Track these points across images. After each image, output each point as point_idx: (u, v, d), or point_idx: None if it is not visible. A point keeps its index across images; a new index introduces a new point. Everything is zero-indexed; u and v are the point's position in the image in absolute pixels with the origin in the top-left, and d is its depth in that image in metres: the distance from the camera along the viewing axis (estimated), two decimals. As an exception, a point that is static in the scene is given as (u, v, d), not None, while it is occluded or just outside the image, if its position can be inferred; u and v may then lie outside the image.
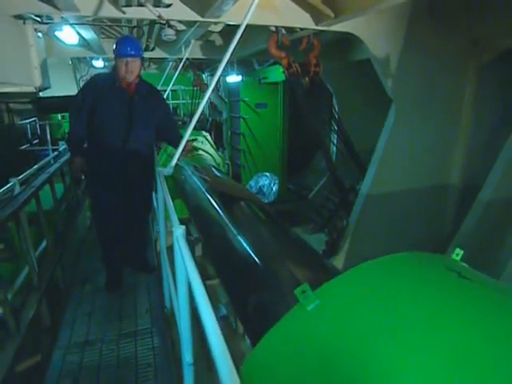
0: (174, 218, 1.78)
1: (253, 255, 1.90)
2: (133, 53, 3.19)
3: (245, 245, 2.01)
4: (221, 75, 4.33)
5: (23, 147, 6.79)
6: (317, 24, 3.62)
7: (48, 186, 3.97)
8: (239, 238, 2.12)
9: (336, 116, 6.41)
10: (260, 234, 2.15)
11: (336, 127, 6.31)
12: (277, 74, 7.25)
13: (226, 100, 9.45)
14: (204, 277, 1.19)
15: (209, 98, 9.91)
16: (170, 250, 1.93)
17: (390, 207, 4.84)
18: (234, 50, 2.56)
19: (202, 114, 3.02)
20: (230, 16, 3.25)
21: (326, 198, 7.19)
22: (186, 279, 1.37)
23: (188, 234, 4.56)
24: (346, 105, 7.43)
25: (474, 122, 4.94)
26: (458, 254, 1.23)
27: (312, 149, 8.54)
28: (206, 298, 1.03)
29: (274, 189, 7.77)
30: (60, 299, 3.36)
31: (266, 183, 7.93)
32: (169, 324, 2.58)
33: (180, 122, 10.29)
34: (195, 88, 8.67)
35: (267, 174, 7.99)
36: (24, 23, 2.83)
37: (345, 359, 0.85)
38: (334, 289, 1.06)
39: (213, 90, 2.81)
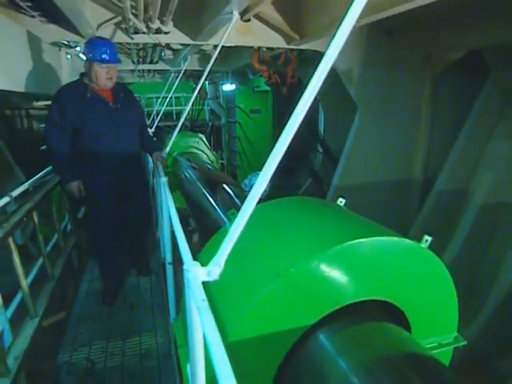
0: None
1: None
2: (116, 58, 3.04)
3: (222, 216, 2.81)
4: (203, 84, 5.02)
5: (42, 147, 7.73)
6: (288, 44, 4.47)
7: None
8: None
9: (319, 121, 7.25)
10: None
11: (320, 132, 7.15)
12: (267, 82, 8.11)
13: (224, 106, 10.35)
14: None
15: (195, 103, 10.69)
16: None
17: (358, 198, 5.61)
18: (213, 64, 3.41)
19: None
20: (215, 39, 4.09)
21: (311, 194, 7.99)
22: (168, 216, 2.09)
23: (187, 225, 4.99)
24: (330, 110, 8.25)
25: (430, 123, 5.75)
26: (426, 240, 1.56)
27: (300, 151, 9.36)
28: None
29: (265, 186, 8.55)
30: (82, 257, 4.13)
31: (259, 181, 8.71)
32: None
33: (183, 127, 11.18)
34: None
35: (259, 172, 8.79)
36: (59, 49, 3.69)
37: (249, 251, 1.62)
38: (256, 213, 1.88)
39: (197, 97, 3.63)
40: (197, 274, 0.83)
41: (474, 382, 3.56)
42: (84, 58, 3.12)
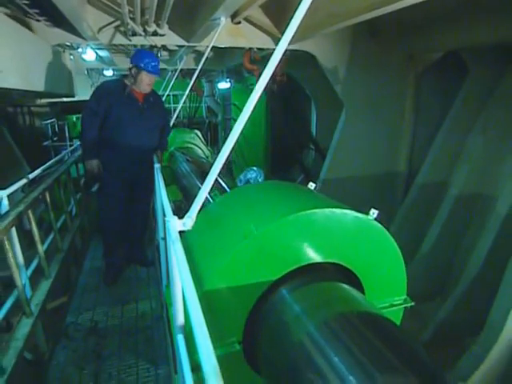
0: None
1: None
2: (158, 71, 3.58)
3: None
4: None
5: (45, 143, 8.07)
6: (276, 45, 4.75)
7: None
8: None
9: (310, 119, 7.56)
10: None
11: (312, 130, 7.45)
12: (261, 80, 8.39)
13: (221, 104, 10.64)
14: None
15: (192, 101, 11.01)
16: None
17: (344, 190, 5.93)
18: (204, 65, 3.71)
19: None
20: (208, 41, 4.39)
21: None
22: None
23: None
24: (322, 108, 8.55)
25: (414, 119, 6.06)
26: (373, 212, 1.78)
27: (294, 147, 9.67)
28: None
29: (259, 181, 8.86)
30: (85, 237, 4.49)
31: (253, 176, 8.97)
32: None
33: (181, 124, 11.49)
34: (193, 93, 9.87)
35: (254, 168, 9.06)
36: (64, 51, 3.99)
37: (224, 218, 1.93)
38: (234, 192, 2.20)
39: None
40: (175, 224, 1.14)
41: (446, 357, 3.87)
42: (130, 64, 3.59)
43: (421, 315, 4.88)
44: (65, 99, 5.75)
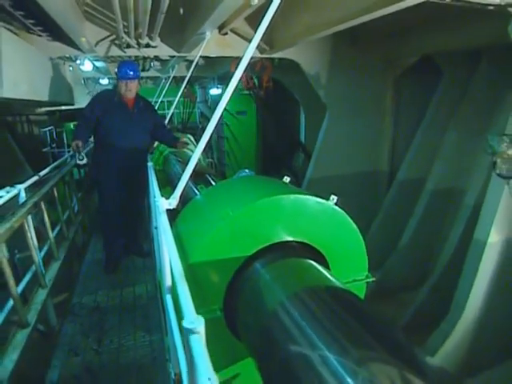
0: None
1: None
2: (131, 75, 3.79)
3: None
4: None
5: (44, 150, 8.41)
6: (261, 53, 5.12)
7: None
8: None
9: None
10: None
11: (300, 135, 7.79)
12: (251, 86, 8.76)
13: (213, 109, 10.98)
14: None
15: (186, 107, 11.38)
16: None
17: (329, 189, 6.20)
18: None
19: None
20: (196, 51, 4.74)
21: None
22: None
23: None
24: (309, 112, 8.90)
25: (394, 120, 6.43)
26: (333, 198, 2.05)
27: (284, 151, 10.01)
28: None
29: (251, 181, 9.21)
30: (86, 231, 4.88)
31: (246, 177, 9.34)
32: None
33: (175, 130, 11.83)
34: (186, 99, 10.22)
35: (246, 170, 9.39)
36: (64, 63, 4.33)
37: (206, 204, 2.27)
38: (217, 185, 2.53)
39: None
40: (162, 203, 1.47)
41: (422, 337, 4.17)
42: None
43: (404, 303, 5.22)
44: (63, 107, 6.08)
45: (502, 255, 3.39)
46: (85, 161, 3.69)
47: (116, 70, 3.91)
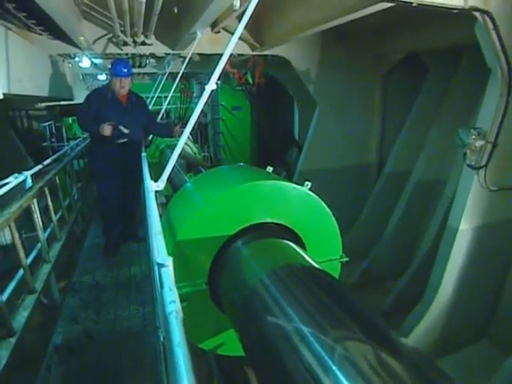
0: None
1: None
2: (125, 72, 3.99)
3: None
4: (177, 85, 5.82)
5: (44, 144, 8.65)
6: (253, 51, 5.34)
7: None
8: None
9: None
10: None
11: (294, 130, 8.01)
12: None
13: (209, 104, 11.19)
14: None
15: (182, 102, 11.60)
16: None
17: (319, 181, 6.41)
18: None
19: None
20: (190, 48, 4.95)
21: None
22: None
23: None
24: (303, 107, 9.11)
25: (382, 115, 6.66)
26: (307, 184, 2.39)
27: (278, 146, 10.24)
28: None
29: (246, 176, 9.44)
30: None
31: (241, 172, 9.58)
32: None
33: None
34: (183, 94, 10.43)
35: (241, 164, 9.66)
36: (63, 60, 4.54)
37: (194, 188, 2.52)
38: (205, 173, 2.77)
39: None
40: (151, 185, 1.71)
41: (402, 322, 4.43)
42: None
43: (388, 291, 5.48)
44: (62, 102, 6.30)
45: (473, 241, 3.63)
46: (128, 130, 3.96)
47: (110, 67, 4.07)
